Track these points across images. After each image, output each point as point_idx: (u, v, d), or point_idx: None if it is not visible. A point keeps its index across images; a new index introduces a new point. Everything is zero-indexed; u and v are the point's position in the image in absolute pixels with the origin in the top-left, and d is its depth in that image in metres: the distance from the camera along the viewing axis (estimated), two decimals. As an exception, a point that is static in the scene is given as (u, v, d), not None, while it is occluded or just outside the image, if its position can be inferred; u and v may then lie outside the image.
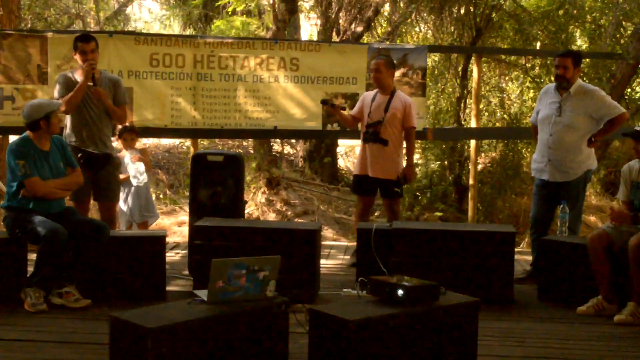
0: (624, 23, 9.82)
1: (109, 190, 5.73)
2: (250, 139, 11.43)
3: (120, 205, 6.69)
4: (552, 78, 5.91)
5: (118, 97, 5.68)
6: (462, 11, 10.58)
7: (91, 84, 5.45)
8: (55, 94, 5.57)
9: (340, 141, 12.10)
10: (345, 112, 6.33)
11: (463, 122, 10.17)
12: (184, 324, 3.13)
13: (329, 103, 6.23)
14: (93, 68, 5.43)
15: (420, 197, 10.41)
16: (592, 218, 9.96)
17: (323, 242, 6.47)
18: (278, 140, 12.00)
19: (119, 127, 6.67)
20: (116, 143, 6.76)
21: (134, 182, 6.72)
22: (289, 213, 10.11)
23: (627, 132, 5.12)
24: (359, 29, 11.48)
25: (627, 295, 4.71)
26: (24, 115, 4.86)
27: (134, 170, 6.71)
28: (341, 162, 12.92)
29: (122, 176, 6.57)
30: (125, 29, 14.02)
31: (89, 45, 5.48)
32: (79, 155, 5.47)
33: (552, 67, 8.53)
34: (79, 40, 5.53)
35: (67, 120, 5.63)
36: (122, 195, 6.71)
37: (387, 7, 12.35)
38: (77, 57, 5.54)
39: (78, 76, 5.53)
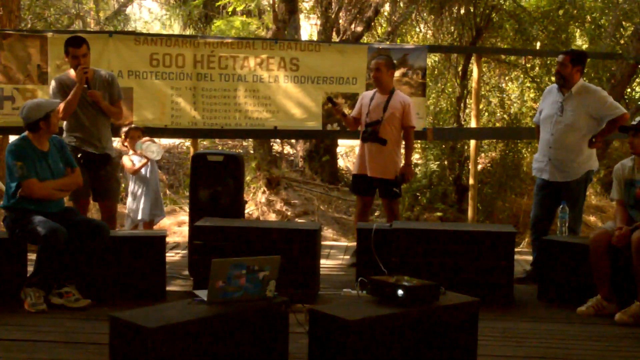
0: (624, 23, 9.83)
1: (108, 190, 5.73)
2: (250, 139, 11.43)
3: (128, 205, 6.64)
4: (552, 78, 5.93)
5: (113, 95, 5.67)
6: (462, 11, 10.59)
7: (85, 86, 5.44)
8: (52, 98, 5.52)
9: (340, 141, 12.10)
10: (348, 116, 6.34)
11: (463, 122, 10.17)
12: (184, 324, 3.12)
13: (334, 103, 6.26)
14: (85, 72, 5.39)
15: (420, 197, 10.40)
16: (592, 218, 9.96)
17: (323, 242, 6.47)
18: (278, 140, 12.00)
19: (124, 128, 6.67)
20: (116, 143, 6.70)
21: (150, 156, 6.52)
22: (289, 213, 10.11)
23: (626, 127, 5.07)
24: (359, 29, 11.48)
25: (625, 295, 4.71)
26: (22, 117, 4.85)
27: (146, 148, 6.48)
28: (341, 162, 12.91)
29: (133, 159, 6.49)
30: (125, 29, 14.02)
31: (80, 50, 5.43)
32: (78, 156, 5.47)
33: (553, 67, 8.51)
34: (70, 45, 5.46)
35: (65, 122, 5.62)
36: (129, 197, 6.67)
37: (387, 7, 12.34)
38: (69, 60, 5.51)
39: (71, 77, 5.50)
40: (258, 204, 10.11)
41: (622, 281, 4.78)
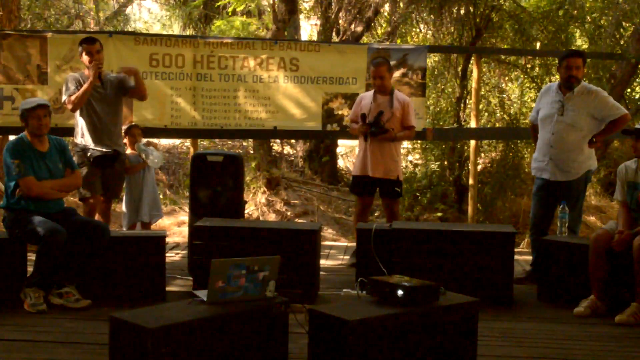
0: (624, 23, 9.81)
1: (115, 186, 5.90)
2: (250, 139, 11.43)
3: (125, 205, 6.62)
4: (552, 78, 5.91)
5: (126, 87, 5.78)
6: (462, 11, 10.58)
7: (99, 83, 5.59)
8: (65, 93, 5.64)
9: (340, 141, 12.10)
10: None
11: (463, 122, 10.17)
12: (184, 324, 3.13)
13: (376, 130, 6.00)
14: (99, 68, 5.56)
15: (420, 198, 10.40)
16: (592, 218, 9.96)
17: (323, 242, 6.47)
18: (278, 140, 12.00)
19: (124, 127, 6.65)
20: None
21: (150, 162, 6.45)
22: (289, 213, 10.11)
23: (629, 130, 5.11)
24: (359, 29, 11.48)
25: (624, 297, 4.71)
26: None
27: (146, 153, 6.43)
28: (341, 162, 12.91)
29: (131, 158, 6.46)
30: (125, 29, 14.02)
31: (93, 47, 5.62)
32: (88, 155, 5.57)
33: (553, 68, 8.47)
34: (84, 42, 5.65)
35: (77, 120, 5.71)
36: (125, 197, 6.64)
37: (387, 7, 12.34)
38: (84, 59, 5.64)
39: (86, 75, 5.63)
40: (258, 204, 10.10)
41: (619, 282, 4.78)
